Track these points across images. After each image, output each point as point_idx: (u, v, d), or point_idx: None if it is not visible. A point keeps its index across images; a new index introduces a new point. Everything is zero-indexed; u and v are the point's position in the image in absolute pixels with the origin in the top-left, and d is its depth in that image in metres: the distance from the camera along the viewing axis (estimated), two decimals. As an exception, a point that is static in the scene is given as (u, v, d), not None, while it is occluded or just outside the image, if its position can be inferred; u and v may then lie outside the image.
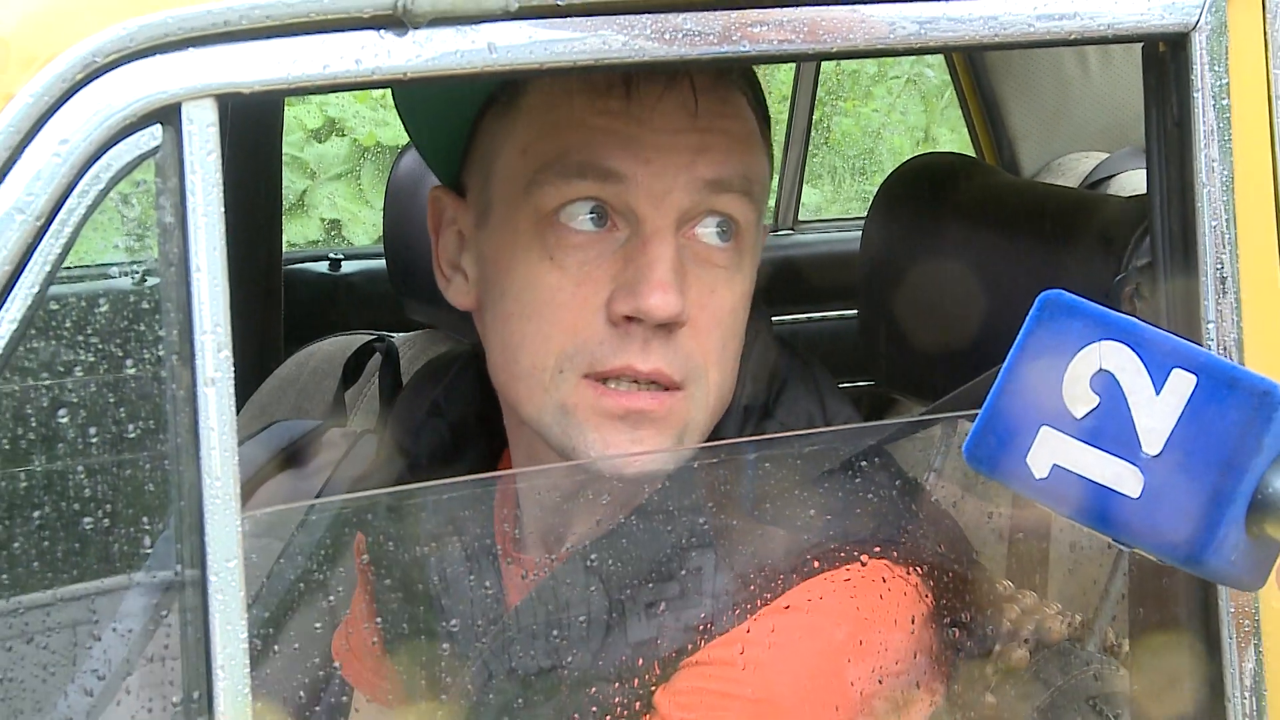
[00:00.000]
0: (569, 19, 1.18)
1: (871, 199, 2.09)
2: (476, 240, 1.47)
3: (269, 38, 1.12)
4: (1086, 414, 0.97)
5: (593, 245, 1.39)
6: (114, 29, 1.08)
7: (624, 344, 1.37)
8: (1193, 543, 0.93)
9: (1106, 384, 0.97)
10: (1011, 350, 1.01)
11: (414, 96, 1.56)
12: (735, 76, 1.44)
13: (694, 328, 1.39)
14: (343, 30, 1.13)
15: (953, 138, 7.08)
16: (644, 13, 1.19)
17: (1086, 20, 1.31)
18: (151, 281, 1.10)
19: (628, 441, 1.38)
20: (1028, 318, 1.01)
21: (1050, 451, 0.98)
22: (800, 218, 3.77)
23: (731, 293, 1.42)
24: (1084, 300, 1.00)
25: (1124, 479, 0.95)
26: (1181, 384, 0.95)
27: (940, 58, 4.66)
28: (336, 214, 6.49)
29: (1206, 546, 0.93)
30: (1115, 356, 0.97)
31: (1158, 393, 0.96)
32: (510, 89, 1.43)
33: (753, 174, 1.43)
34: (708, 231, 1.41)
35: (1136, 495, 0.95)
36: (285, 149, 3.18)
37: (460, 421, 1.58)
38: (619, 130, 1.38)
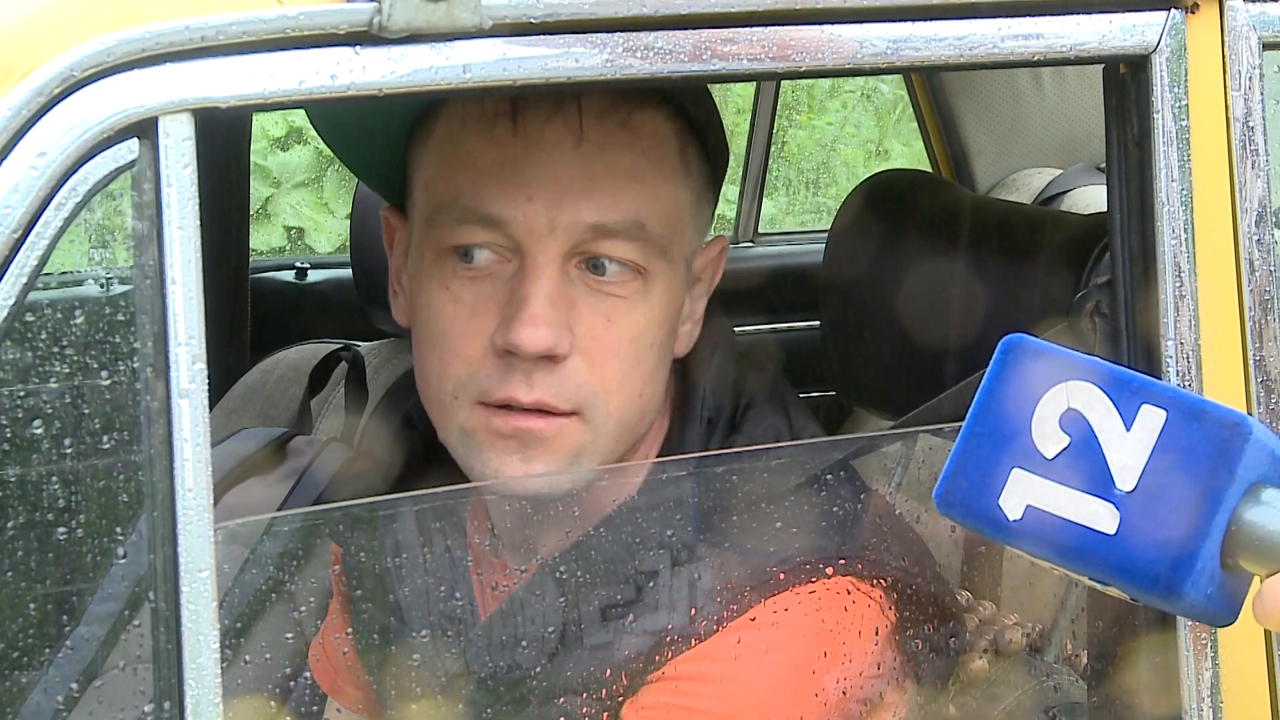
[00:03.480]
0: (542, 37, 1.19)
1: (832, 212, 2.11)
2: (406, 262, 1.50)
3: (245, 53, 1.12)
4: (1058, 454, 0.97)
5: (485, 277, 1.41)
6: (92, 44, 1.08)
7: (507, 375, 1.39)
8: (1171, 577, 0.93)
9: (1076, 423, 0.97)
10: (977, 395, 1.01)
11: (337, 130, 1.58)
12: (648, 95, 1.42)
13: (586, 358, 1.39)
14: (318, 46, 1.14)
15: (905, 151, 7.11)
16: (616, 31, 1.20)
17: (1050, 41, 1.33)
18: (126, 293, 1.11)
19: (519, 462, 1.39)
20: (991, 361, 1.01)
21: (1023, 493, 0.97)
22: (759, 230, 3.79)
23: (633, 321, 1.41)
24: (1047, 342, 1.00)
25: (1099, 516, 0.95)
26: (1151, 419, 0.95)
27: (898, 72, 4.69)
28: (300, 222, 6.48)
29: (1184, 580, 0.93)
30: (1083, 396, 0.97)
31: (1128, 429, 0.95)
32: (428, 117, 1.45)
33: (649, 215, 1.41)
34: (592, 265, 1.41)
35: (1113, 532, 0.95)
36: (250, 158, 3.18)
37: (434, 433, 1.58)
38: (504, 166, 1.39)
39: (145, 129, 1.10)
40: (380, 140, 1.51)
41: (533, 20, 1.18)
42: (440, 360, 1.42)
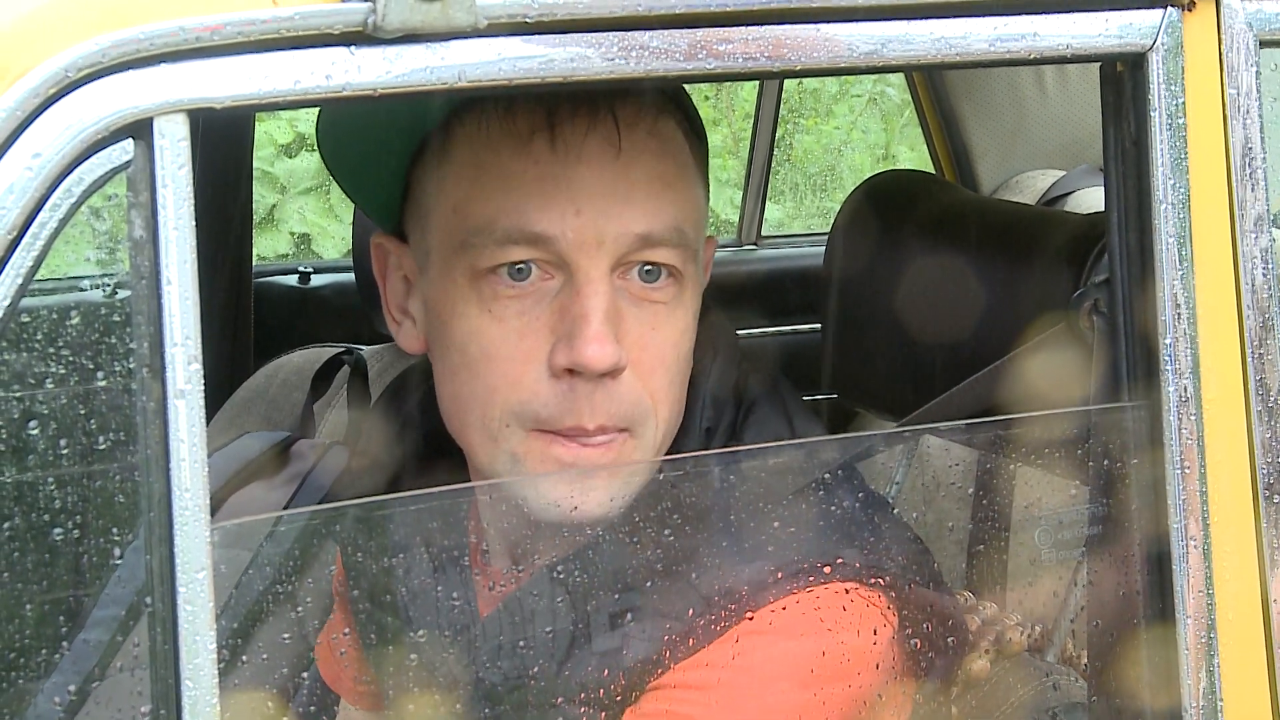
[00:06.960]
0: (537, 36, 1.19)
1: (835, 215, 2.11)
2: (421, 286, 1.48)
3: (240, 53, 1.13)
4: None
5: (528, 295, 1.39)
6: (87, 44, 1.09)
7: (570, 401, 1.38)
8: None
9: None
10: None
11: (343, 153, 1.57)
12: (663, 100, 1.43)
13: (637, 369, 1.39)
14: (313, 47, 1.14)
15: (912, 156, 7.10)
16: (611, 30, 1.21)
17: (1045, 40, 1.33)
18: (122, 294, 1.11)
19: (580, 487, 1.39)
20: None
21: None
22: (763, 233, 3.80)
23: (673, 327, 1.42)
24: None
25: None
26: None
27: (901, 77, 4.69)
28: (306, 228, 6.48)
29: None
30: None
31: None
32: (439, 140, 1.44)
33: (685, 220, 1.42)
34: (643, 272, 1.41)
35: None
36: (256, 164, 3.18)
37: (434, 433, 1.58)
38: (546, 182, 1.38)
39: (140, 129, 1.10)
40: (380, 165, 1.50)
41: (528, 20, 1.18)
42: (486, 386, 1.40)
